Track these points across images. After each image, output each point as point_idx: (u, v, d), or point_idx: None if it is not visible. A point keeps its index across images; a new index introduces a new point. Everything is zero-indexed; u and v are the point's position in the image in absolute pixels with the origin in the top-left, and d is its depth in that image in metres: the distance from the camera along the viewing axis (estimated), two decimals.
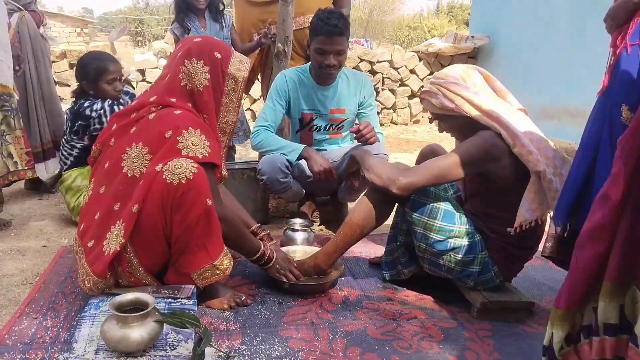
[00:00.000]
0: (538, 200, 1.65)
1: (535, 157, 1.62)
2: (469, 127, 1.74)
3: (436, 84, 1.78)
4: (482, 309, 1.75)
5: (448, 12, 20.38)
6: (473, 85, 1.75)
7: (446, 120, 1.82)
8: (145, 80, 5.76)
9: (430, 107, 1.82)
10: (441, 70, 1.84)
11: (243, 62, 1.79)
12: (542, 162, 1.63)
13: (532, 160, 1.62)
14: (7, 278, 2.00)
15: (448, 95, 1.74)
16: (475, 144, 1.68)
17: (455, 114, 1.75)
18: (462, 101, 1.72)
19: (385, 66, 6.30)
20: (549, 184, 1.63)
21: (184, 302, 1.61)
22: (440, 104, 1.76)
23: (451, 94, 1.73)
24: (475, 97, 1.71)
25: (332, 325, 1.68)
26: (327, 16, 2.32)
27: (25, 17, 2.84)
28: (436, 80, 1.79)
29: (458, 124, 1.79)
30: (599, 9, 1.52)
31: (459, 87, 1.73)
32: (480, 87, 1.76)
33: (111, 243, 1.58)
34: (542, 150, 1.65)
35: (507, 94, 1.79)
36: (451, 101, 1.73)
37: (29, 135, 2.86)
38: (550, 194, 1.64)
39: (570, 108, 4.93)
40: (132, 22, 20.38)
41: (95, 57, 2.60)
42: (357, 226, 1.84)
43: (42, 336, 1.55)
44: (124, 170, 1.64)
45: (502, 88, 1.80)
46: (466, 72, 1.78)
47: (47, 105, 2.93)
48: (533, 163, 1.62)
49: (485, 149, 1.66)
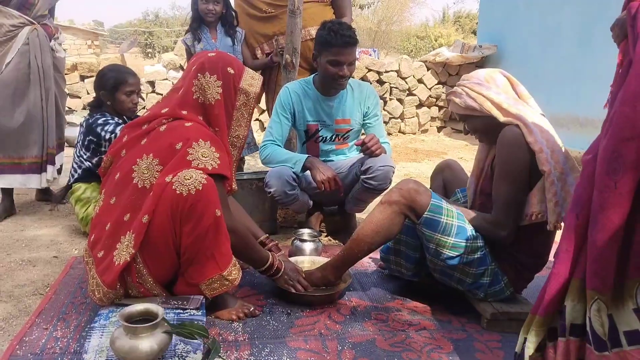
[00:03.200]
0: (538, 197, 1.67)
1: (544, 157, 1.63)
2: (491, 127, 1.76)
3: (461, 85, 1.82)
4: (492, 319, 1.74)
5: (455, 22, 20.43)
6: (496, 86, 1.77)
7: (470, 120, 1.83)
8: (155, 91, 5.82)
9: (455, 108, 1.85)
10: (468, 74, 1.87)
11: (255, 78, 1.82)
12: (550, 163, 1.64)
13: (541, 159, 1.63)
14: (18, 289, 2.02)
15: (471, 94, 1.76)
16: (513, 159, 1.68)
17: (478, 114, 1.77)
18: (483, 99, 1.74)
19: (392, 76, 6.31)
20: (550, 185, 1.63)
21: (193, 312, 1.62)
22: (464, 104, 1.78)
23: (474, 93, 1.76)
24: (497, 96, 1.74)
25: (341, 337, 1.67)
26: (338, 28, 2.33)
27: (37, 31, 2.88)
28: (462, 82, 1.83)
29: (481, 124, 1.80)
30: (606, 18, 1.52)
31: (481, 87, 1.76)
32: (503, 88, 1.79)
33: (121, 254, 1.59)
34: (554, 153, 1.66)
35: (529, 99, 1.81)
36: (474, 100, 1.76)
37: (32, 146, 2.87)
38: (549, 195, 1.64)
39: (579, 117, 4.91)
40: (142, 34, 20.65)
41: (115, 69, 2.65)
42: (365, 243, 1.81)
43: (53, 347, 1.56)
44: (134, 181, 1.65)
45: (525, 92, 1.81)
46: (490, 74, 1.80)
47: (50, 118, 2.95)
48: (541, 161, 1.63)
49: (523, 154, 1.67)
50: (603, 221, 0.99)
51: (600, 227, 1.00)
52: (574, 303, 1.08)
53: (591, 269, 1.02)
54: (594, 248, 1.01)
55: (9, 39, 2.79)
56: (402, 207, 1.76)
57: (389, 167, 2.33)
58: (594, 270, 1.02)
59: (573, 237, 1.09)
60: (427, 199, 1.74)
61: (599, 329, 1.02)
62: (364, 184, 2.36)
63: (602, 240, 1.00)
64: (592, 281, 1.02)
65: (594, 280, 1.02)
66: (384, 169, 2.31)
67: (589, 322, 1.03)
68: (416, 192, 1.75)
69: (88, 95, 5.76)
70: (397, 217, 1.78)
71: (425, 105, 6.55)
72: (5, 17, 2.77)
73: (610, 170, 0.99)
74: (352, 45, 2.35)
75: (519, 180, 1.69)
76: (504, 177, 1.70)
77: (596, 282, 1.02)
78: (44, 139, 2.90)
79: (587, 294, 1.03)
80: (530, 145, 1.65)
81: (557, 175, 1.64)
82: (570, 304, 1.08)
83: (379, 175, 2.31)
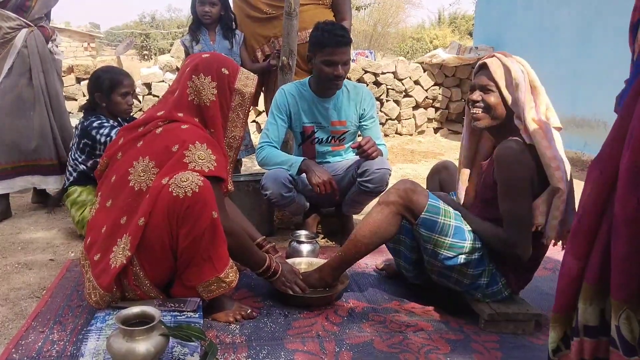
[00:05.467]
0: (542, 209, 1.66)
1: (560, 175, 1.62)
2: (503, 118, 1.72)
3: (520, 64, 1.73)
4: (490, 320, 1.74)
5: (450, 23, 20.50)
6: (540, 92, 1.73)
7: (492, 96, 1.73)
8: (152, 93, 5.81)
9: (488, 74, 1.74)
10: None
11: (250, 78, 1.81)
12: (565, 181, 1.63)
13: (557, 176, 1.61)
14: (14, 292, 2.01)
15: (524, 77, 1.69)
16: (517, 176, 1.65)
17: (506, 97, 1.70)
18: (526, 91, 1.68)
19: (389, 77, 6.32)
20: (561, 203, 1.63)
21: (190, 315, 1.61)
22: (510, 77, 1.69)
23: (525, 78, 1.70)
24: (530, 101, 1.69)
25: (338, 338, 1.67)
26: (331, 28, 2.34)
27: (33, 33, 2.88)
28: (521, 59, 1.74)
29: (501, 110, 1.73)
30: (604, 19, 1.53)
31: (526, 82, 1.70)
32: None
33: (117, 256, 1.59)
34: (567, 171, 1.66)
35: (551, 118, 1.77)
36: (520, 83, 1.68)
37: (41, 150, 2.91)
38: (555, 213, 1.64)
39: (576, 118, 4.93)
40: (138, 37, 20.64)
41: (110, 70, 2.65)
42: (362, 244, 1.81)
43: (49, 350, 1.55)
44: (130, 183, 1.65)
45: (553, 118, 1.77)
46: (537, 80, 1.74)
47: (57, 120, 2.97)
48: (557, 179, 1.61)
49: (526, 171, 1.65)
50: (627, 235, 1.00)
51: (625, 240, 1.00)
52: (586, 306, 1.09)
53: (617, 282, 1.03)
54: (619, 261, 1.02)
55: (7, 42, 2.82)
56: (399, 207, 1.76)
57: (386, 169, 2.33)
58: (620, 283, 1.02)
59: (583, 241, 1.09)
60: (424, 199, 1.74)
61: (628, 335, 1.02)
62: (361, 187, 2.36)
63: (627, 254, 1.00)
64: (619, 293, 1.03)
65: (620, 292, 1.03)
66: (381, 171, 2.31)
67: (616, 330, 1.04)
68: (413, 192, 1.75)
69: (84, 98, 5.74)
70: (395, 217, 1.78)
71: (422, 107, 6.56)
72: (2, 19, 2.78)
73: (632, 185, 0.99)
74: (345, 45, 2.35)
75: (524, 195, 1.67)
76: (508, 194, 1.68)
77: (623, 294, 1.02)
78: (54, 143, 2.94)
79: (614, 305, 1.04)
80: (545, 160, 1.62)
81: (567, 193, 1.64)
82: (581, 307, 1.09)
83: (375, 178, 2.31)
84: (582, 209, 1.11)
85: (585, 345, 1.09)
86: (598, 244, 1.07)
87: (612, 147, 1.06)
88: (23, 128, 2.87)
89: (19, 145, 2.87)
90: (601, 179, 1.07)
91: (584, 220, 1.09)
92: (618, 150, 1.03)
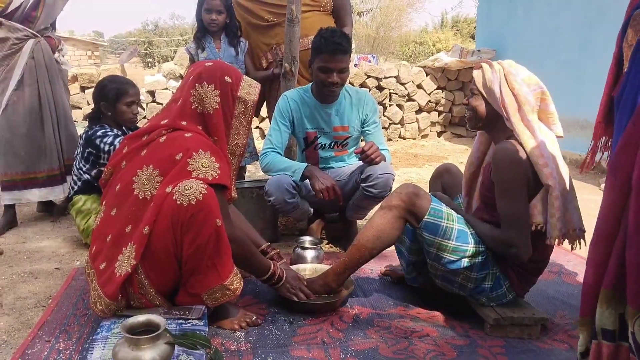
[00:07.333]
0: (539, 208, 1.67)
1: (549, 171, 1.63)
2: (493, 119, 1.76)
3: (501, 65, 1.75)
4: (495, 325, 1.74)
5: (453, 26, 20.50)
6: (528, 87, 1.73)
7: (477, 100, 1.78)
8: (156, 101, 5.83)
9: (477, 79, 1.78)
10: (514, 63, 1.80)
11: (253, 86, 1.82)
12: (555, 177, 1.64)
13: (545, 173, 1.63)
14: (20, 301, 2.02)
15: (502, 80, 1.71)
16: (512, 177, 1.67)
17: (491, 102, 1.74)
18: (508, 91, 1.70)
19: (392, 82, 6.33)
20: (555, 199, 1.64)
21: (195, 323, 1.62)
22: (489, 82, 1.73)
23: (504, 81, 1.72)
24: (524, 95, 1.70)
25: (344, 344, 1.67)
26: (329, 34, 2.34)
27: (40, 44, 2.91)
28: (503, 63, 1.76)
29: (487, 112, 1.77)
30: (605, 21, 1.54)
31: (515, 80, 1.71)
32: (535, 95, 1.74)
33: (122, 265, 1.59)
34: (558, 168, 1.67)
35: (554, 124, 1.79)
36: (500, 88, 1.71)
37: (49, 161, 2.93)
38: (552, 210, 1.64)
39: (579, 120, 4.91)
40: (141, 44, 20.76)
41: (115, 80, 2.67)
42: (366, 248, 1.81)
43: (55, 359, 1.55)
44: (135, 192, 1.66)
45: (553, 116, 1.78)
46: (534, 77, 1.76)
47: (62, 130, 3.00)
48: (545, 175, 1.63)
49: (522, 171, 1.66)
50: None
51: (638, 249, 1.00)
52: (602, 309, 1.09)
53: (633, 290, 1.03)
54: (633, 268, 1.02)
55: (14, 52, 2.85)
56: (402, 211, 1.76)
57: (389, 174, 2.33)
58: (636, 290, 1.02)
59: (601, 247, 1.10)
60: (427, 202, 1.74)
61: None
62: (364, 192, 2.36)
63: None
64: (635, 301, 1.03)
65: (636, 300, 1.03)
66: (384, 176, 2.31)
67: (632, 336, 1.04)
68: (416, 195, 1.75)
69: (89, 106, 5.77)
70: (398, 221, 1.78)
71: (425, 111, 6.56)
72: (9, 30, 2.81)
73: None
74: (341, 53, 2.34)
75: (520, 195, 1.68)
76: (505, 194, 1.69)
77: (638, 302, 1.02)
78: (59, 153, 2.96)
79: (629, 311, 1.04)
80: (534, 158, 1.64)
81: (561, 190, 1.64)
82: (599, 310, 1.10)
83: (379, 183, 2.31)
84: (600, 215, 1.11)
85: (603, 349, 1.09)
86: (615, 250, 1.07)
87: (624, 155, 1.06)
88: (33, 139, 2.90)
89: (29, 156, 2.90)
90: (616, 185, 1.07)
91: (601, 227, 1.10)
92: (631, 158, 1.03)
